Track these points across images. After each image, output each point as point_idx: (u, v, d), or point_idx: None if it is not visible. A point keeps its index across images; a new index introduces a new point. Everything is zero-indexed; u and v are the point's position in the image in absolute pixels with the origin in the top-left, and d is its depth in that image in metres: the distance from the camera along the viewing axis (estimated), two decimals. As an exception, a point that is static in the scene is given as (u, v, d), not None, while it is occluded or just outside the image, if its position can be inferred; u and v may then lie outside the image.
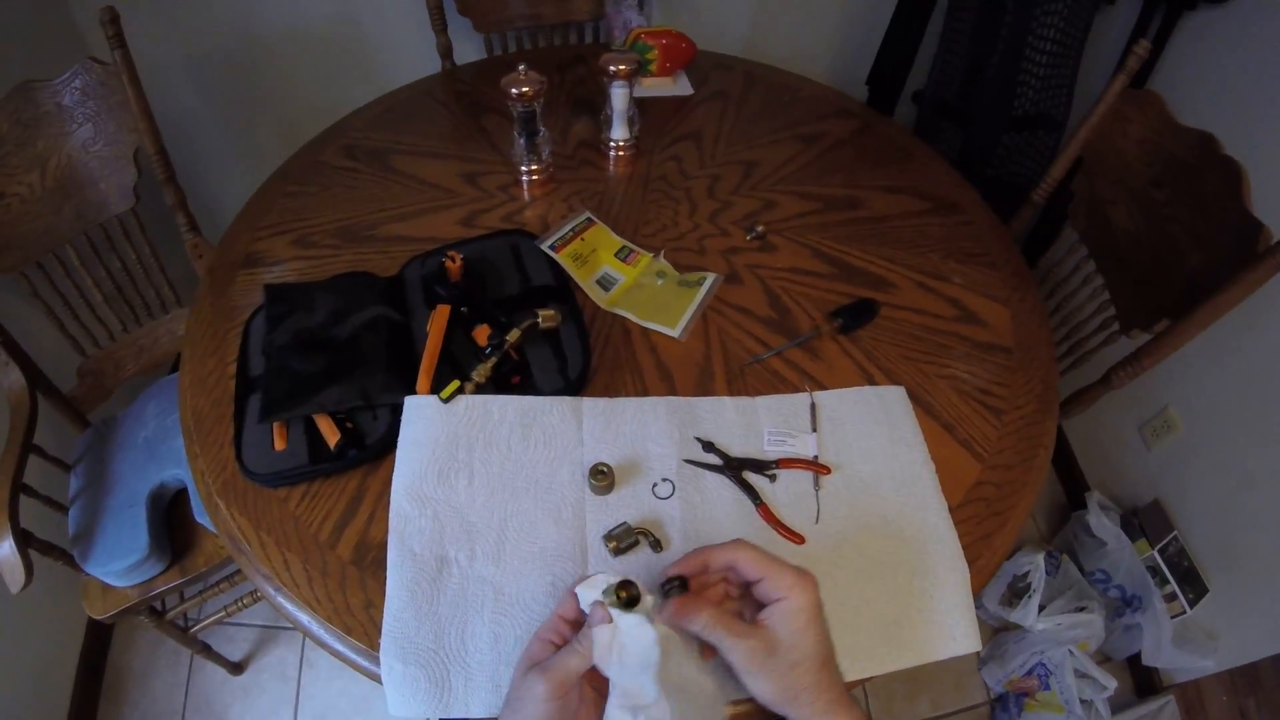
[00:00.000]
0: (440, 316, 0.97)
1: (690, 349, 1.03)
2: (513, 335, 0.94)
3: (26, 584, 1.09)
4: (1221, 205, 1.06)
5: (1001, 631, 1.77)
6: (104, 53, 1.26)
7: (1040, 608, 1.66)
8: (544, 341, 0.99)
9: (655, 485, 0.86)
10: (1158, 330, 1.13)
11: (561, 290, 1.06)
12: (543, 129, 1.22)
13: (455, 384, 0.91)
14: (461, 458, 0.87)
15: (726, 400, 0.95)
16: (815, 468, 0.89)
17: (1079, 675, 1.62)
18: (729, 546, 0.66)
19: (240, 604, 1.54)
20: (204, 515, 1.25)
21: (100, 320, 1.43)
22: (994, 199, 1.30)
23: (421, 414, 0.90)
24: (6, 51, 1.49)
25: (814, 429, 0.93)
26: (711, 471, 0.88)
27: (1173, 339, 1.10)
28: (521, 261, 1.10)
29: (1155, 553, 1.66)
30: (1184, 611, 1.60)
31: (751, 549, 0.65)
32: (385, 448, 0.89)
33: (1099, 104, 1.27)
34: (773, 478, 0.88)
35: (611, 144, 1.33)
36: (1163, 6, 1.66)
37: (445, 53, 1.68)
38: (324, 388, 0.90)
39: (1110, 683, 1.61)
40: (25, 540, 1.12)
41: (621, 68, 1.22)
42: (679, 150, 1.36)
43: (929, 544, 0.84)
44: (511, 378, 0.95)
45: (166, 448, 1.31)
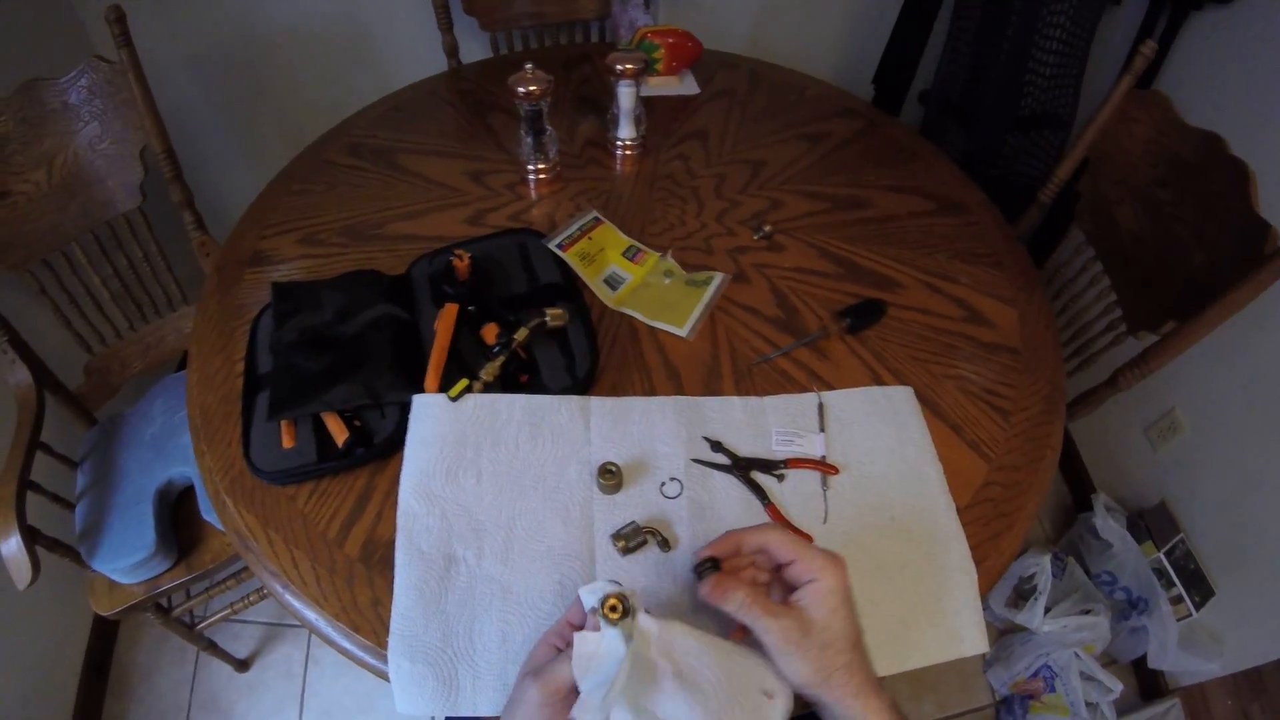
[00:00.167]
0: (448, 315, 0.97)
1: (698, 348, 1.03)
2: (520, 334, 0.95)
3: (33, 580, 1.09)
4: (1228, 206, 1.06)
5: (1007, 633, 1.77)
6: (110, 51, 1.26)
7: (1046, 610, 1.66)
8: (551, 340, 0.99)
9: (663, 484, 0.86)
10: (1164, 332, 1.13)
11: (569, 289, 1.06)
12: (549, 128, 1.22)
13: (463, 383, 0.91)
14: (469, 456, 0.87)
15: (734, 400, 0.95)
16: (823, 468, 0.89)
17: (1084, 678, 1.62)
18: (761, 529, 0.68)
19: (246, 601, 1.54)
20: (211, 512, 1.26)
21: (107, 318, 1.43)
22: (1000, 199, 1.30)
23: (429, 412, 0.90)
24: (12, 50, 1.49)
25: (822, 429, 0.93)
26: (719, 471, 0.88)
27: (1180, 340, 1.10)
28: (529, 260, 1.10)
29: (1161, 555, 1.66)
30: (1190, 614, 1.59)
31: (782, 531, 0.67)
32: (393, 446, 0.89)
33: (1105, 104, 1.27)
34: (780, 477, 0.88)
35: (618, 143, 1.33)
36: (1169, 7, 1.66)
37: (451, 51, 1.68)
38: (332, 386, 0.90)
39: (1116, 685, 1.60)
40: (32, 537, 1.12)
41: (628, 67, 1.22)
42: (686, 149, 1.36)
43: (937, 545, 0.84)
44: (519, 376, 0.95)
45: (173, 445, 1.31)
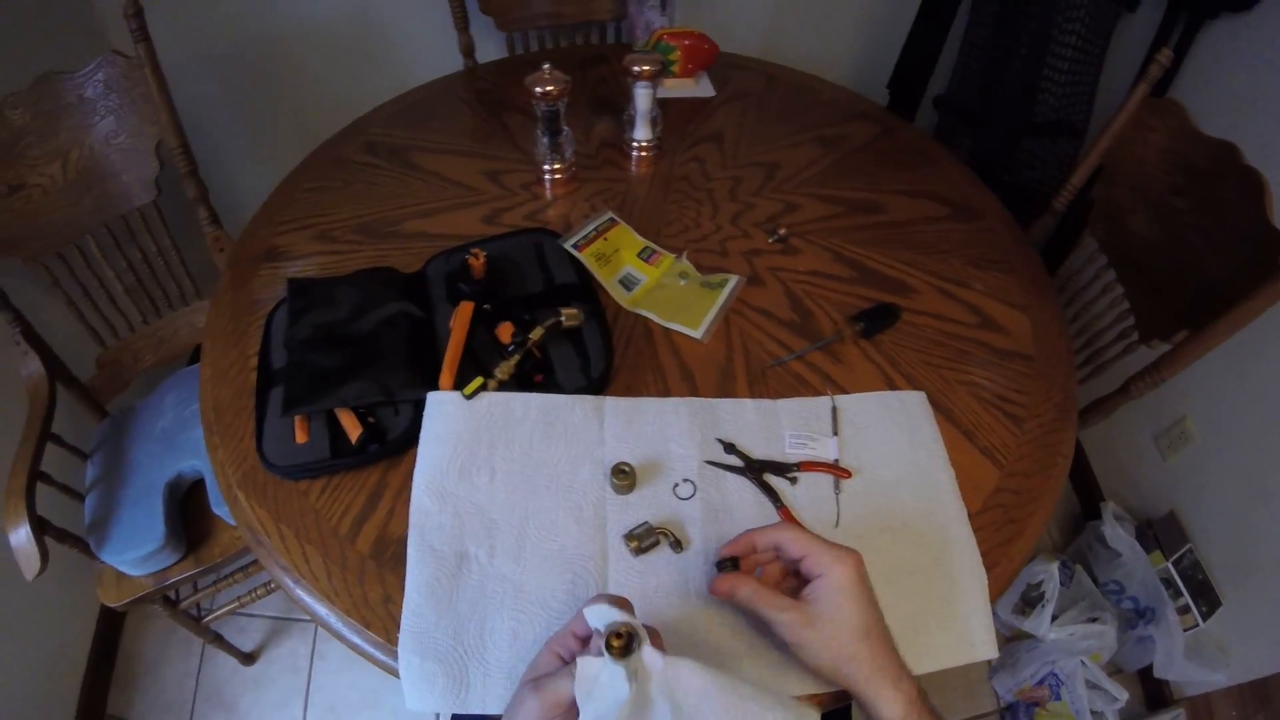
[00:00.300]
0: (463, 313, 0.97)
1: (712, 350, 1.03)
2: (535, 333, 0.95)
3: (41, 571, 1.10)
4: (1242, 215, 1.06)
5: (1013, 640, 1.76)
6: (126, 45, 1.27)
7: (1053, 618, 1.65)
8: (566, 340, 0.99)
9: (676, 485, 0.86)
10: (1177, 340, 1.13)
11: (584, 289, 1.06)
12: (566, 128, 1.23)
13: (478, 381, 0.91)
14: (483, 454, 0.87)
15: (748, 402, 0.95)
16: (836, 471, 0.89)
17: (1090, 686, 1.61)
18: (775, 528, 0.71)
19: (253, 595, 1.55)
20: (221, 506, 1.26)
21: (120, 311, 1.43)
22: (1013, 205, 1.30)
23: (444, 410, 0.90)
24: (30, 43, 1.50)
25: (835, 432, 0.92)
26: (732, 473, 0.88)
27: (1192, 350, 1.10)
28: (544, 260, 1.10)
29: (1169, 565, 1.65)
30: (1197, 624, 1.59)
31: (794, 529, 0.70)
32: (407, 443, 0.89)
33: (1120, 112, 1.27)
34: (793, 480, 0.88)
35: (634, 144, 1.33)
36: (1184, 15, 1.65)
37: (467, 51, 1.69)
38: (346, 382, 0.91)
39: (1121, 694, 1.60)
40: (41, 527, 1.13)
41: (645, 68, 1.22)
42: (701, 151, 1.37)
43: (948, 550, 0.83)
44: (534, 376, 0.95)
45: (184, 438, 1.31)
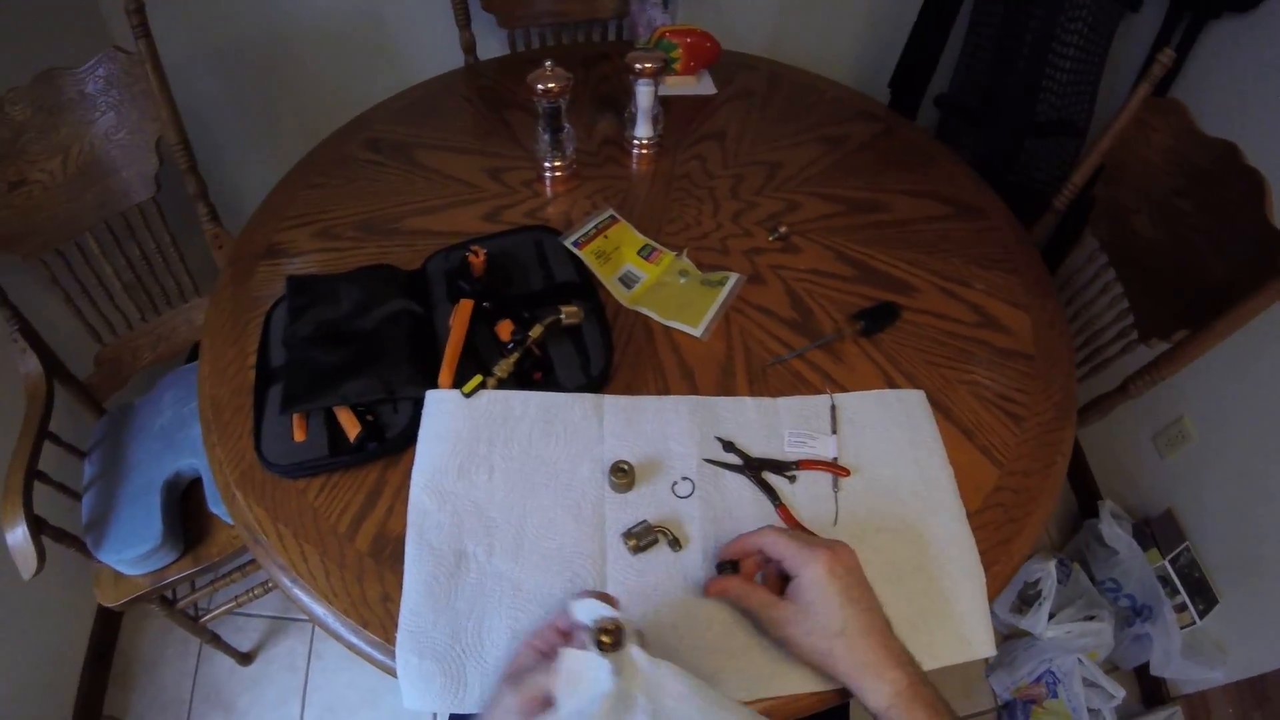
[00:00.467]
0: (463, 311, 0.97)
1: (712, 348, 1.03)
2: (535, 331, 0.95)
3: (39, 570, 1.09)
4: (1243, 216, 1.06)
5: (1010, 638, 1.77)
6: (127, 41, 1.26)
7: (1050, 615, 1.65)
8: (566, 338, 0.99)
9: (675, 484, 0.86)
10: (1176, 340, 1.13)
11: (584, 287, 1.06)
12: (567, 125, 1.22)
13: (478, 379, 0.91)
14: (482, 452, 0.87)
15: (747, 400, 0.95)
16: (835, 470, 0.88)
17: (1087, 684, 1.61)
18: (760, 532, 0.74)
19: (251, 594, 1.54)
20: (219, 505, 1.26)
21: (118, 308, 1.43)
22: (1015, 204, 1.30)
23: (443, 408, 0.90)
24: (31, 39, 1.49)
25: (834, 431, 0.92)
26: (731, 471, 0.88)
27: (1191, 349, 1.10)
28: (545, 258, 1.10)
29: (1166, 563, 1.65)
30: (1194, 622, 1.59)
31: (776, 533, 0.73)
32: (406, 441, 0.89)
33: (1122, 112, 1.27)
34: (792, 479, 0.88)
35: (635, 142, 1.33)
36: (1187, 15, 1.65)
37: (469, 48, 1.68)
38: (345, 380, 0.90)
39: (1119, 692, 1.60)
40: (38, 527, 1.12)
41: (647, 66, 1.22)
42: (702, 150, 1.36)
43: (947, 548, 0.83)
44: (533, 374, 0.95)
45: (183, 436, 1.31)
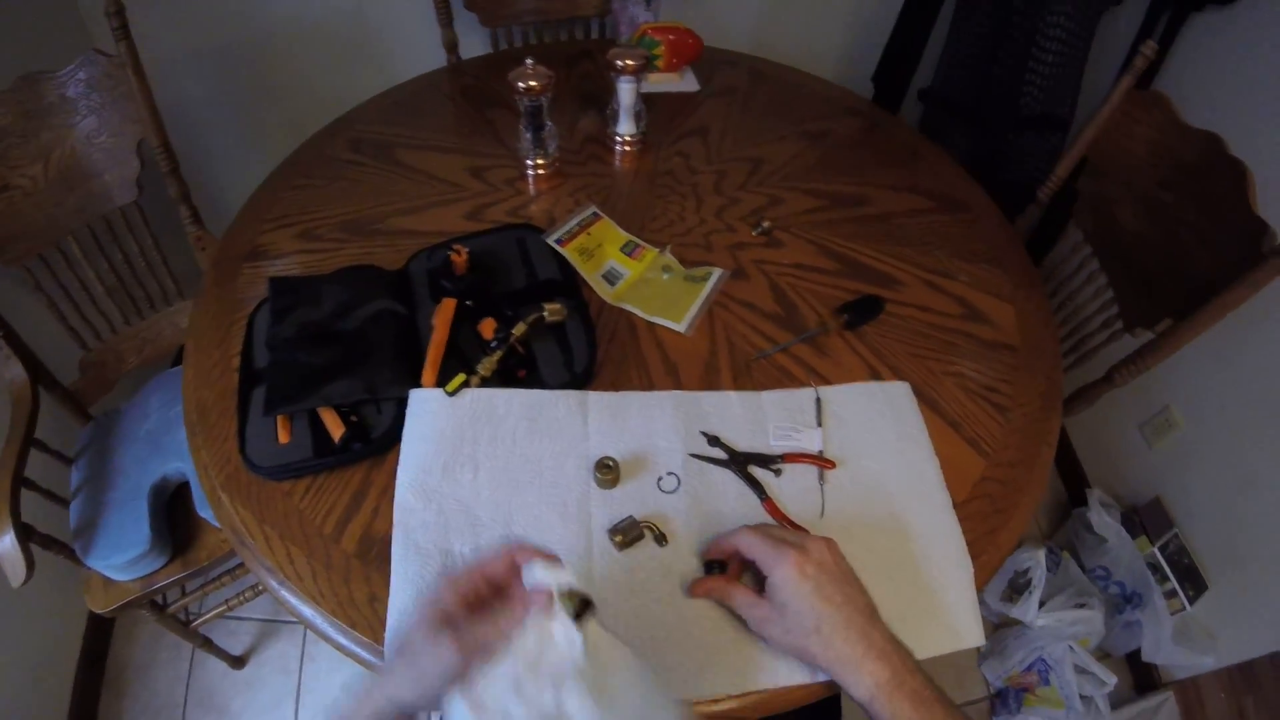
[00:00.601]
0: (446, 310, 0.97)
1: (696, 344, 1.03)
2: (519, 329, 0.94)
3: (28, 578, 1.09)
4: (1227, 206, 1.07)
5: (1002, 627, 1.77)
6: (108, 43, 1.25)
7: (1041, 604, 1.66)
8: (550, 335, 0.99)
9: (661, 479, 0.86)
10: (1160, 329, 1.14)
11: (568, 284, 1.06)
12: (549, 123, 1.22)
13: (461, 377, 0.91)
14: (467, 451, 0.87)
15: (732, 395, 0.95)
16: (820, 462, 0.89)
17: (1079, 671, 1.62)
18: (735, 534, 0.75)
19: (242, 598, 1.54)
20: (206, 508, 1.25)
21: (102, 313, 1.42)
22: (999, 197, 1.30)
23: (427, 407, 0.90)
24: (10, 42, 1.48)
25: (819, 424, 0.93)
26: (717, 466, 0.88)
27: (1175, 338, 1.11)
28: (528, 255, 1.10)
29: (1156, 550, 1.66)
30: (1183, 609, 1.60)
31: (750, 533, 0.74)
32: (390, 441, 0.89)
33: (1105, 104, 1.27)
34: (778, 472, 0.88)
35: (618, 139, 1.33)
36: (1169, 7, 1.66)
37: (451, 47, 1.68)
38: (329, 381, 0.90)
39: (1110, 679, 1.61)
40: (26, 534, 1.11)
41: (629, 63, 1.22)
42: (685, 146, 1.36)
43: (934, 539, 0.84)
44: (517, 371, 0.95)
45: (169, 440, 1.31)
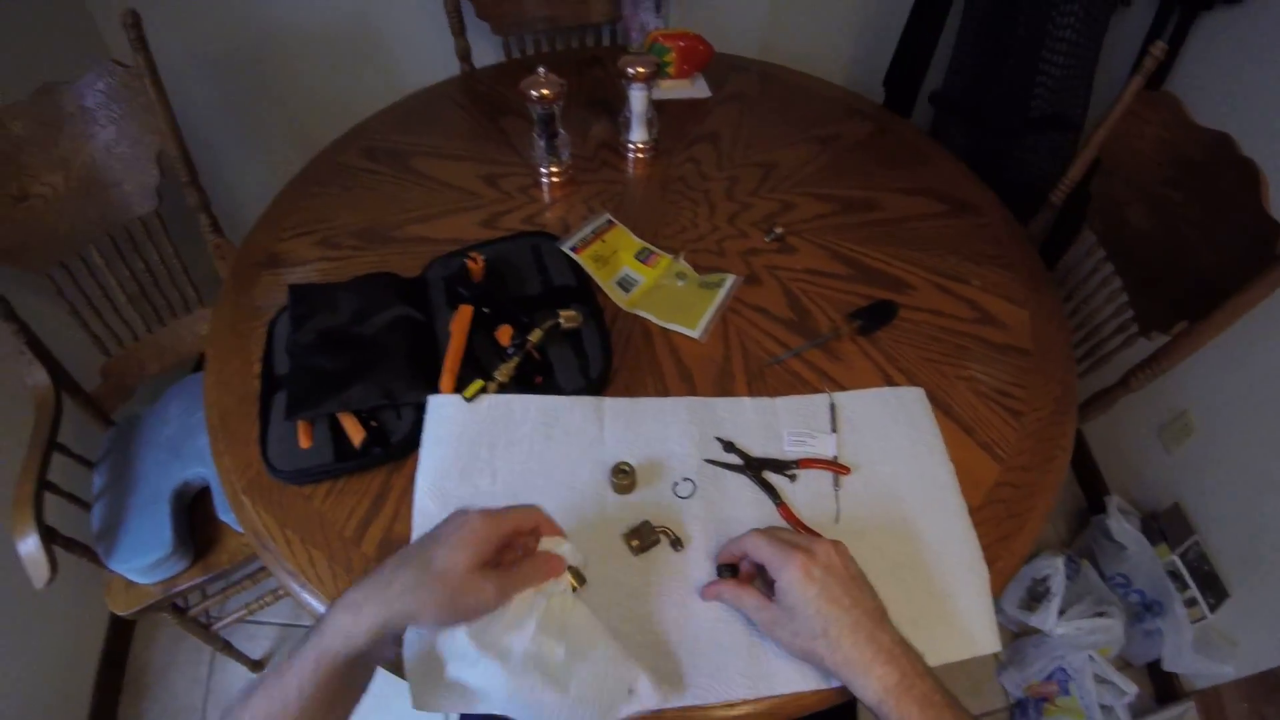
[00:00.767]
0: (463, 317, 0.98)
1: (710, 349, 1.03)
2: (535, 335, 0.95)
3: (51, 580, 1.10)
4: (1239, 206, 1.06)
5: (1021, 636, 1.76)
6: (124, 54, 1.27)
7: (1060, 612, 1.65)
8: (565, 342, 0.99)
9: (676, 484, 0.87)
10: (1176, 332, 1.13)
11: (582, 291, 1.07)
12: (562, 131, 1.23)
13: (479, 383, 0.91)
14: (484, 456, 0.88)
15: (746, 401, 0.96)
16: (835, 468, 0.89)
17: (1099, 680, 1.61)
18: (745, 538, 0.76)
19: (262, 602, 1.55)
20: (227, 513, 1.27)
21: (123, 320, 1.44)
22: (1011, 200, 1.30)
23: (445, 413, 0.91)
24: (28, 54, 1.51)
25: (833, 429, 0.93)
26: (732, 471, 0.88)
27: (1191, 341, 1.10)
28: (543, 262, 1.11)
29: (1175, 557, 1.65)
30: (1204, 617, 1.59)
31: (758, 536, 0.74)
32: (409, 446, 0.90)
33: (1115, 105, 1.27)
34: (793, 478, 0.88)
35: (630, 146, 1.34)
36: (1179, 7, 1.65)
37: (464, 55, 1.69)
38: (348, 386, 0.91)
39: (1130, 688, 1.60)
40: (49, 536, 1.13)
41: (640, 70, 1.23)
42: (697, 152, 1.37)
43: (948, 545, 0.84)
44: (534, 377, 0.96)
45: (190, 446, 1.32)
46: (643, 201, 1.27)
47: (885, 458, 0.91)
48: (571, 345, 0.99)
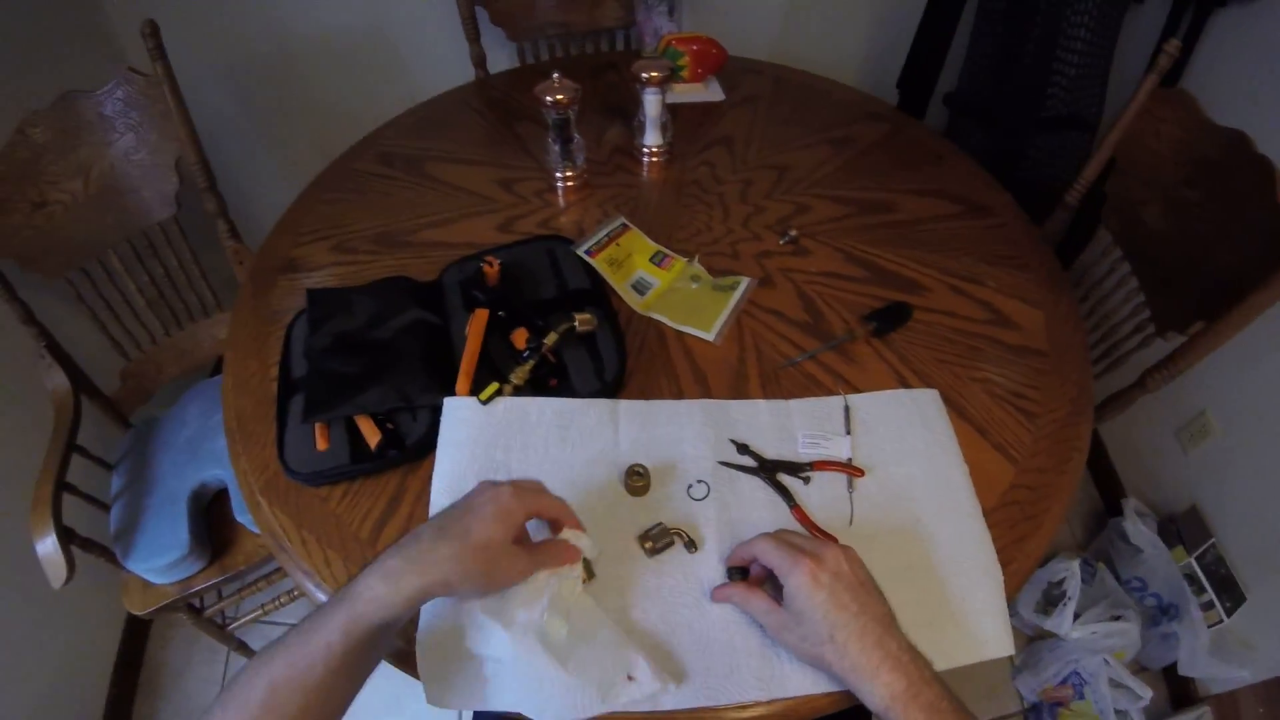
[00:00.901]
0: (479, 320, 0.99)
1: (725, 352, 1.03)
2: (550, 338, 0.96)
3: (68, 579, 1.12)
4: (1255, 204, 1.05)
5: (1036, 640, 1.75)
6: (141, 62, 1.29)
7: (1075, 616, 1.64)
8: (580, 345, 1.00)
9: (690, 486, 0.87)
10: (1192, 332, 1.12)
11: (597, 294, 1.07)
12: (577, 135, 1.24)
13: (494, 386, 0.92)
14: (499, 458, 0.88)
15: (761, 403, 0.96)
16: (849, 470, 0.89)
17: (1114, 685, 1.60)
18: (754, 541, 0.75)
19: (277, 602, 1.56)
20: (244, 514, 1.28)
21: (142, 324, 1.46)
22: (1026, 201, 1.30)
23: (460, 415, 0.92)
24: (48, 63, 1.53)
25: (848, 431, 0.93)
26: (746, 473, 0.88)
27: (1208, 341, 1.09)
28: (558, 266, 1.11)
29: (1192, 560, 1.64)
30: (1221, 621, 1.57)
31: (767, 540, 0.74)
32: (425, 448, 0.90)
33: (1130, 104, 1.26)
34: (807, 480, 0.88)
35: (644, 150, 1.34)
36: (1193, 5, 1.64)
37: (479, 61, 1.71)
38: (365, 389, 0.92)
39: (1146, 693, 1.58)
40: (67, 537, 1.15)
41: (654, 74, 1.23)
42: (711, 155, 1.37)
43: (963, 547, 0.83)
44: (549, 380, 0.96)
45: (208, 448, 1.34)
46: (657, 205, 1.28)
47: (900, 460, 0.91)
48: (586, 348, 1.00)
